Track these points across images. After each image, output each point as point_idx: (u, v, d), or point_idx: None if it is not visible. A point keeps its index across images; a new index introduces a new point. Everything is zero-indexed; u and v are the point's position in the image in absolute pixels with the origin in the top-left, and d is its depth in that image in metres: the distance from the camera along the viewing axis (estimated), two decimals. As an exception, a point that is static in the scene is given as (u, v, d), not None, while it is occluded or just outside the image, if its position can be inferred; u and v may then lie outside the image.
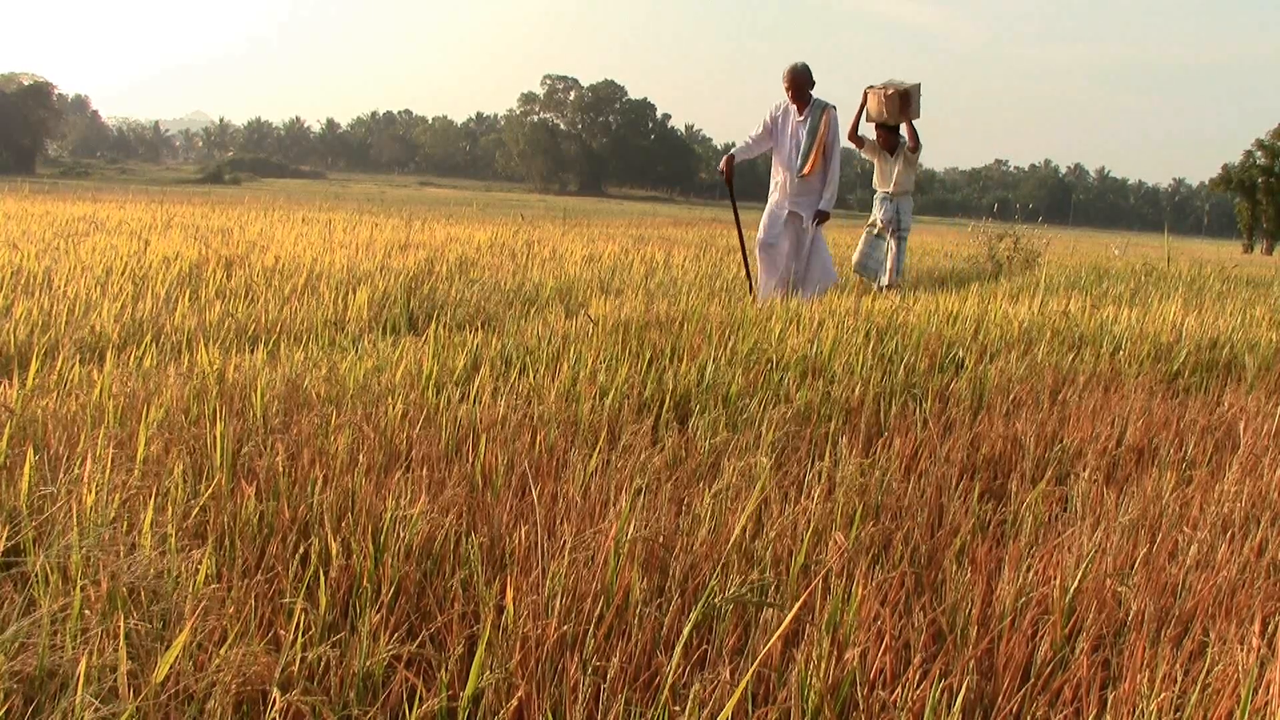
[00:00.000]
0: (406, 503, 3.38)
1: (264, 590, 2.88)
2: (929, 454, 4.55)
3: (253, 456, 3.90)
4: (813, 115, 10.93)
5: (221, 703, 2.33)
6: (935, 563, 3.43)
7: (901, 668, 2.71)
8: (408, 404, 4.65)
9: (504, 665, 2.53)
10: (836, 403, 5.25)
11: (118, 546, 2.98)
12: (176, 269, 10.11)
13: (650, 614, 2.84)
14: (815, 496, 3.80)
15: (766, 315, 7.93)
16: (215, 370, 5.07)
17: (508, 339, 6.27)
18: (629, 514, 3.21)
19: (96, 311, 7.21)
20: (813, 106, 10.95)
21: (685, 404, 5.18)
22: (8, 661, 2.34)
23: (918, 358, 6.38)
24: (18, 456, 3.68)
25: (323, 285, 9.62)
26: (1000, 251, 20.72)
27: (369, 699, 2.48)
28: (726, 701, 2.43)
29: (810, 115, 10.93)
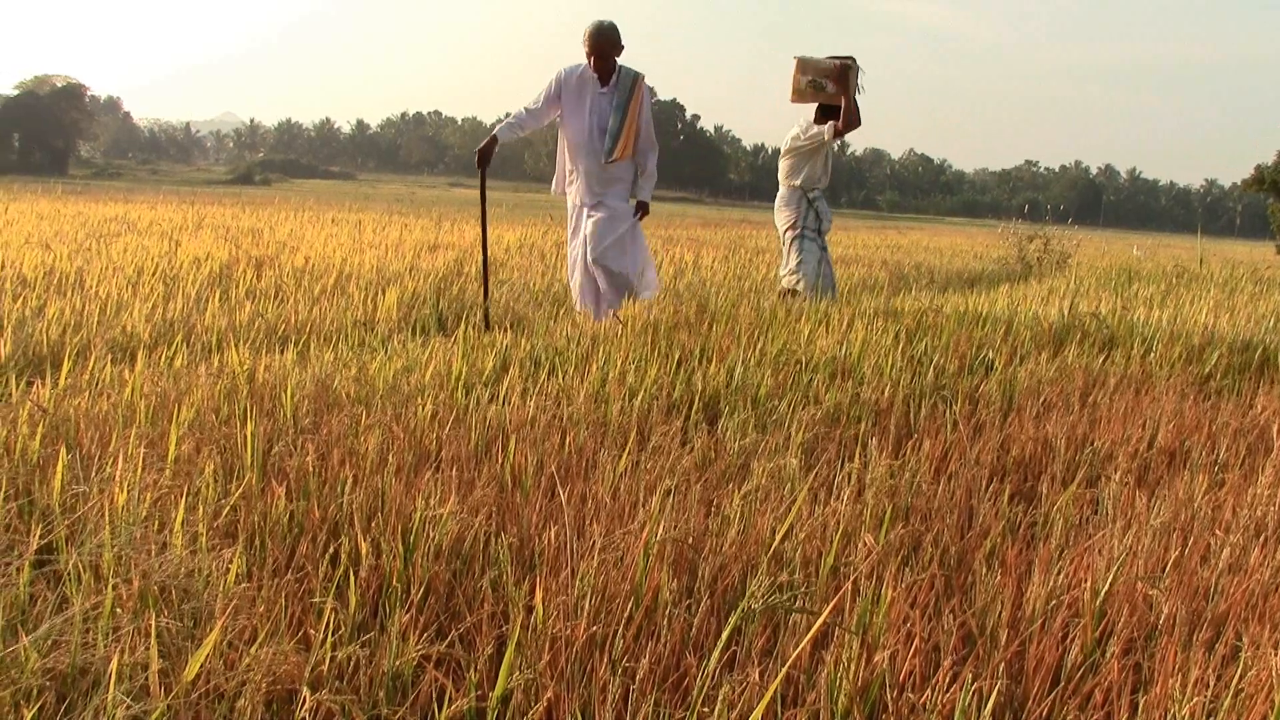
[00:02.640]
0: (436, 503, 3.38)
1: (294, 589, 2.89)
2: (959, 456, 4.53)
3: (283, 456, 3.91)
4: (620, 87, 8.65)
5: (252, 701, 2.34)
6: (965, 565, 3.41)
7: (931, 670, 2.70)
8: (437, 404, 4.66)
9: (533, 666, 2.53)
10: (866, 404, 5.24)
11: (149, 545, 3.00)
12: (207, 269, 10.17)
13: (679, 615, 2.84)
14: (845, 498, 3.79)
15: (795, 316, 7.91)
16: (245, 370, 5.09)
17: (537, 340, 6.28)
18: (658, 515, 3.22)
19: (128, 311, 7.25)
20: (620, 76, 8.66)
21: (714, 405, 5.17)
22: (41, 659, 2.35)
23: (947, 359, 6.36)
24: (50, 455, 3.70)
25: (352, 286, 9.65)
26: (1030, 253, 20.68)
27: (398, 698, 2.49)
28: (756, 704, 2.43)
29: (618, 88, 8.64)
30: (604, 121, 8.57)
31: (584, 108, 8.57)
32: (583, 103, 8.57)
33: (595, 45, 8.50)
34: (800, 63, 10.10)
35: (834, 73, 10.01)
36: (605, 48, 8.51)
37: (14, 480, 3.50)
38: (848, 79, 9.98)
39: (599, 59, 8.52)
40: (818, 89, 10.15)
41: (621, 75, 8.62)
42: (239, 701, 2.35)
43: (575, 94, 8.59)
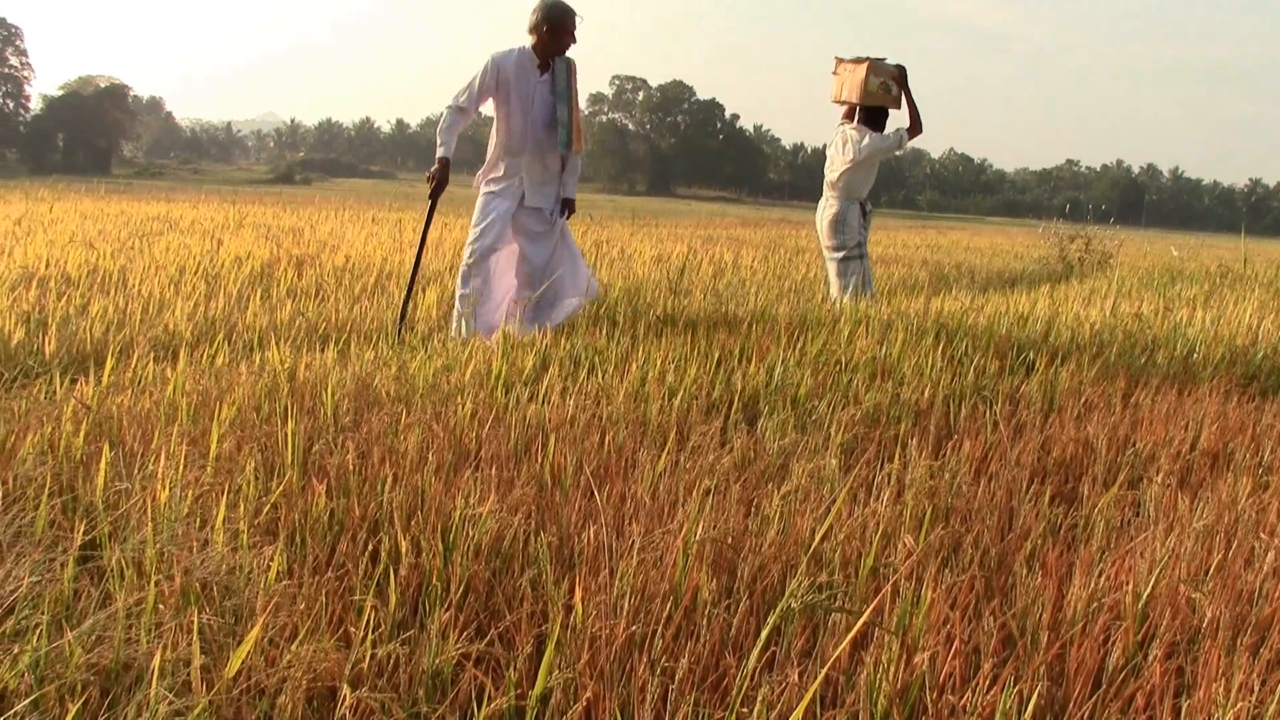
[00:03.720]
0: (475, 501, 3.39)
1: (334, 587, 2.90)
2: (999, 457, 4.51)
3: (323, 454, 3.93)
4: (559, 72, 7.73)
5: (292, 698, 2.35)
6: (1005, 566, 3.40)
7: (971, 672, 2.69)
8: (477, 403, 4.67)
9: (572, 665, 2.53)
10: (906, 404, 5.23)
11: (191, 542, 3.02)
12: (248, 268, 10.22)
13: (719, 615, 2.83)
14: (884, 499, 3.79)
15: (834, 317, 7.89)
16: (286, 368, 5.11)
17: (576, 339, 6.28)
18: (697, 514, 3.22)
19: (170, 310, 7.30)
20: (555, 62, 7.72)
21: (754, 405, 5.17)
22: (85, 654, 2.38)
23: (988, 359, 6.33)
24: (94, 452, 3.73)
25: (392, 284, 9.69)
26: (1071, 253, 20.56)
27: (438, 697, 2.49)
28: (795, 705, 2.42)
29: (554, 74, 7.71)
30: (547, 112, 7.70)
31: (526, 97, 7.65)
32: (525, 91, 7.65)
33: (563, 26, 7.60)
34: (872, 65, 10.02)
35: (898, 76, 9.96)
36: (571, 30, 7.67)
37: (58, 477, 3.53)
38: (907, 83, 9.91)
39: (559, 44, 7.65)
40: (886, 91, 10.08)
41: (556, 61, 7.74)
42: (280, 698, 2.36)
43: (516, 82, 7.63)
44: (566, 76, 7.73)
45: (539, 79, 7.64)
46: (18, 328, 6.15)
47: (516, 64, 7.59)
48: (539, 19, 7.56)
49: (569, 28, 7.62)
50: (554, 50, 7.64)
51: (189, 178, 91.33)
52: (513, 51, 7.63)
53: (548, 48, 7.62)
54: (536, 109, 7.64)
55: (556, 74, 7.68)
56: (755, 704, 2.41)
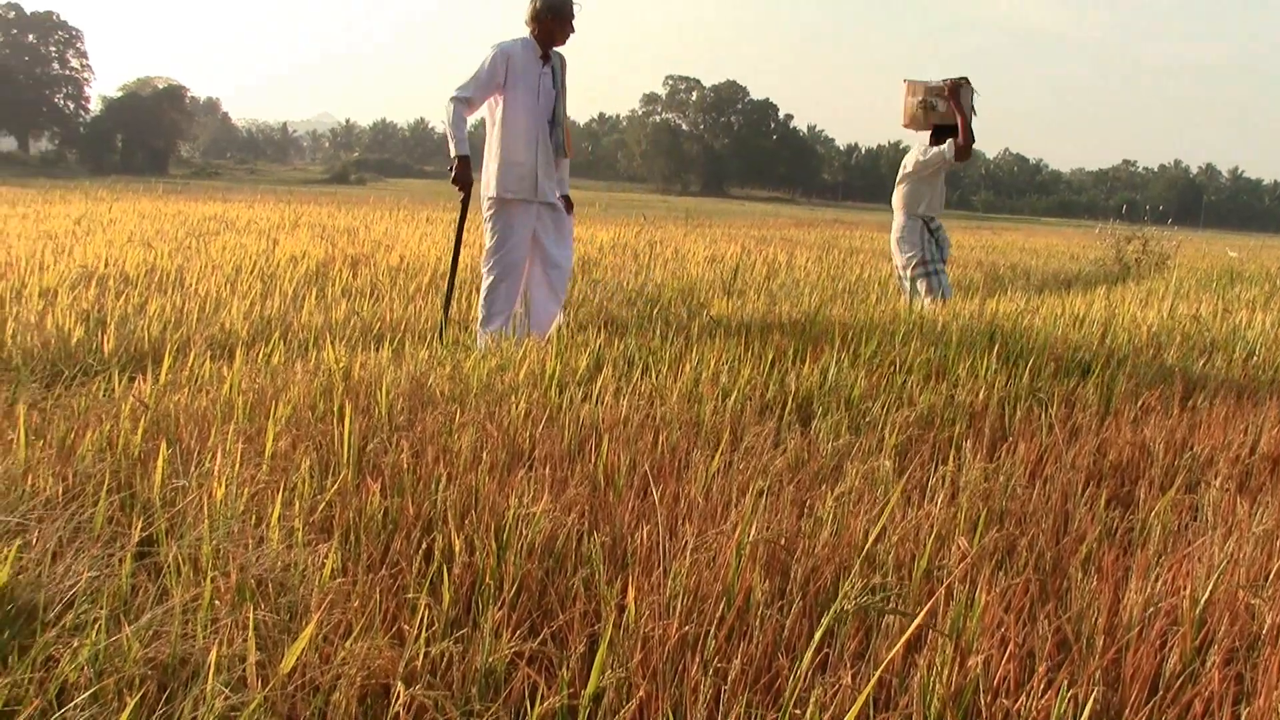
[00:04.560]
0: (529, 501, 3.40)
1: (388, 585, 2.92)
2: (1054, 459, 4.48)
3: (378, 453, 3.95)
4: (556, 65, 7.52)
5: (346, 695, 2.37)
6: (1060, 570, 3.38)
7: (1026, 676, 2.67)
8: (530, 403, 4.68)
9: (625, 664, 2.53)
10: (960, 406, 5.20)
11: (246, 539, 3.04)
12: (304, 268, 10.29)
13: (771, 616, 2.83)
14: (938, 501, 3.77)
15: (890, 318, 7.86)
16: (341, 368, 5.14)
17: (630, 339, 6.28)
18: (751, 515, 3.21)
19: (226, 309, 7.35)
20: (553, 55, 7.51)
21: (808, 406, 5.15)
22: (143, 648, 2.40)
23: (1043, 361, 6.29)
24: (152, 450, 3.77)
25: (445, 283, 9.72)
26: (1128, 254, 20.38)
27: (491, 695, 2.50)
28: (849, 707, 2.42)
29: (554, 67, 7.50)
30: (548, 108, 7.44)
31: (530, 90, 7.38)
32: (529, 84, 7.37)
33: (565, 15, 7.38)
34: (910, 85, 9.88)
35: (944, 90, 9.81)
36: (571, 20, 7.45)
37: (116, 474, 3.56)
38: (959, 94, 9.76)
39: (560, 34, 7.44)
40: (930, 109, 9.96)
41: (553, 53, 7.50)
42: (334, 695, 2.37)
43: (523, 73, 7.35)
44: (561, 71, 7.56)
45: (542, 69, 7.41)
46: (77, 326, 6.22)
47: (523, 54, 7.35)
48: (541, 7, 7.32)
49: (569, 16, 7.42)
50: (555, 40, 7.43)
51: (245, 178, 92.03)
52: (517, 41, 7.38)
53: (550, 38, 7.42)
54: (542, 103, 7.42)
55: (555, 68, 7.49)
56: (808, 705, 2.40)
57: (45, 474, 3.48)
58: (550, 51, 7.43)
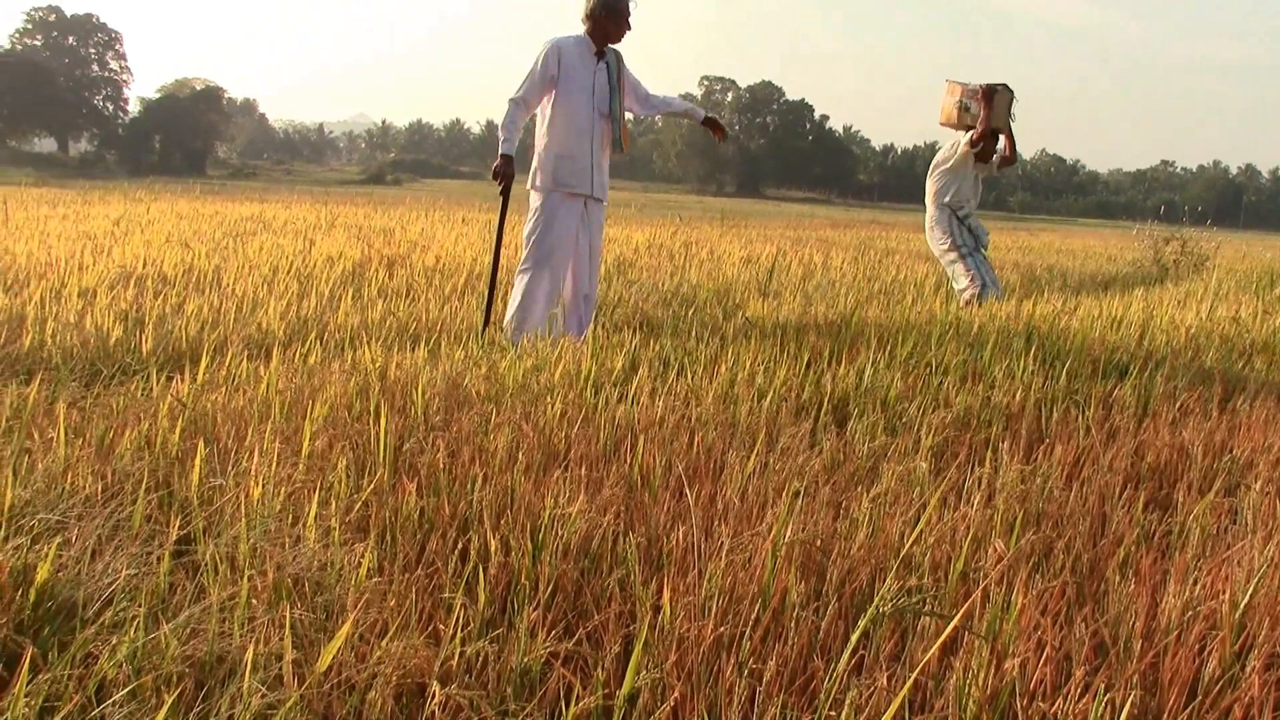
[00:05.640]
0: (565, 501, 3.41)
1: (424, 585, 2.92)
2: (1091, 462, 4.46)
3: (414, 453, 3.96)
4: (611, 61, 7.47)
5: (382, 694, 2.38)
6: (1097, 573, 3.36)
7: (1062, 680, 2.66)
8: (566, 403, 4.68)
9: (660, 665, 2.53)
10: (997, 408, 5.18)
11: (283, 538, 3.06)
12: (340, 268, 10.32)
13: (807, 617, 2.82)
14: (975, 503, 3.75)
15: (925, 319, 7.84)
16: (377, 368, 5.16)
17: (665, 340, 6.28)
18: (786, 516, 3.20)
19: (263, 309, 7.39)
20: (608, 49, 7.48)
21: (843, 407, 5.14)
22: (180, 646, 2.41)
23: (1080, 363, 6.26)
24: (189, 449, 3.79)
25: (482, 284, 9.73)
26: (1166, 255, 20.25)
27: (526, 695, 2.51)
28: (884, 709, 2.41)
29: (609, 63, 7.46)
30: (604, 104, 7.41)
31: (587, 85, 7.34)
32: (583, 80, 7.33)
33: (621, 12, 7.32)
34: (949, 85, 10.06)
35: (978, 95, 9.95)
36: (627, 16, 7.39)
37: (154, 472, 3.59)
38: (992, 99, 9.88)
39: (616, 30, 7.40)
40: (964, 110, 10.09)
41: (608, 51, 7.47)
42: (370, 694, 2.38)
43: (577, 69, 7.32)
44: (618, 68, 7.50)
45: (596, 66, 7.38)
46: (116, 326, 6.26)
47: (576, 50, 7.31)
48: (596, 4, 7.29)
49: (626, 13, 7.36)
50: (610, 38, 7.39)
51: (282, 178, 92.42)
52: (570, 38, 7.35)
53: (605, 35, 7.38)
54: (597, 99, 7.38)
55: (610, 64, 7.44)
56: (843, 707, 2.40)
57: (84, 472, 3.50)
58: (605, 48, 7.40)
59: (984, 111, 10.04)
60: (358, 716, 2.38)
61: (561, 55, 7.25)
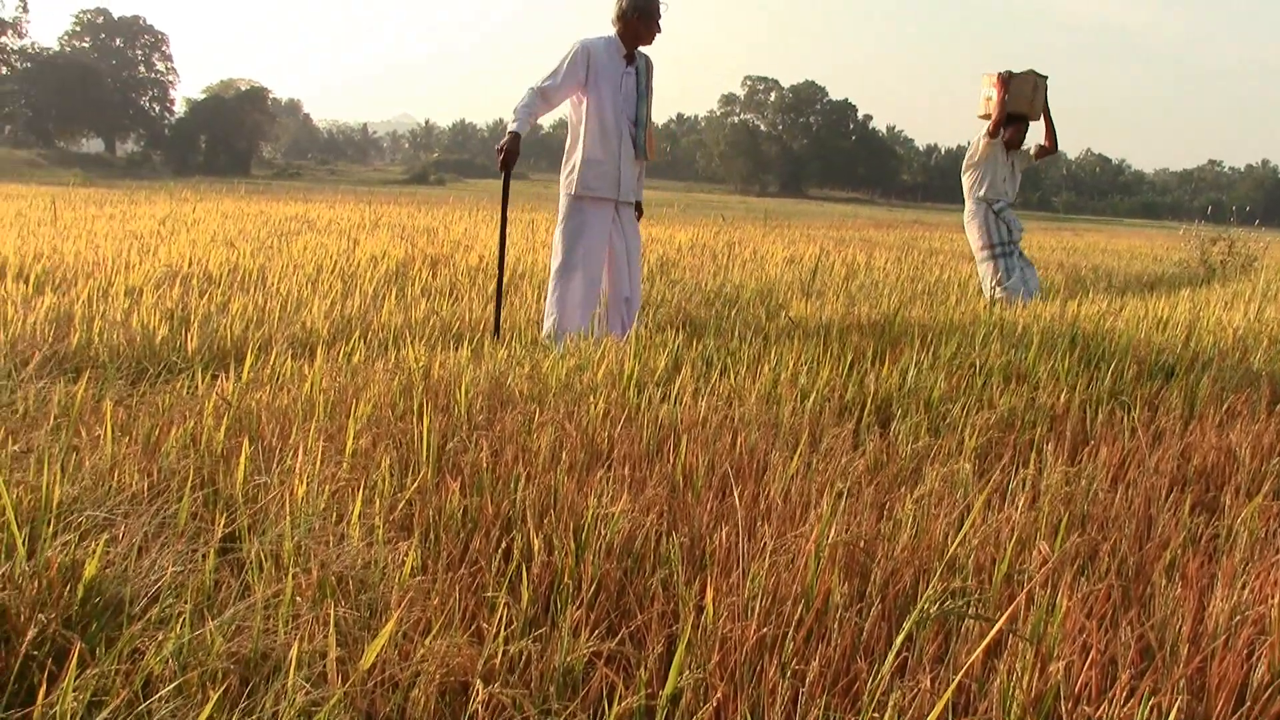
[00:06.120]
0: (608, 501, 3.41)
1: (467, 583, 2.93)
2: (1137, 464, 4.43)
3: (457, 452, 3.97)
4: (641, 66, 7.40)
5: (425, 692, 2.38)
6: (1143, 576, 3.33)
7: (1108, 683, 2.64)
8: (609, 403, 4.69)
9: (703, 665, 2.53)
10: (1041, 409, 5.15)
11: (327, 536, 3.07)
12: (384, 267, 10.37)
13: (850, 619, 2.82)
14: (1019, 504, 3.73)
15: (970, 320, 7.81)
16: (421, 367, 5.18)
17: (708, 340, 6.28)
18: (830, 517, 3.20)
19: (307, 308, 7.42)
20: (638, 53, 7.41)
21: (886, 408, 5.13)
22: (225, 643, 2.43)
23: (1125, 364, 6.21)
24: (234, 447, 3.81)
25: (526, 284, 9.76)
26: (1213, 256, 20.08)
27: (569, 694, 2.51)
28: (928, 711, 2.40)
29: (638, 66, 7.39)
30: (631, 109, 7.34)
31: (615, 88, 7.26)
32: (614, 82, 7.25)
33: (651, 14, 7.24)
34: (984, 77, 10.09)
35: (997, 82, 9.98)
36: (658, 19, 7.30)
37: (200, 470, 3.61)
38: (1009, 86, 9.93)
39: (647, 33, 7.31)
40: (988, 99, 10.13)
41: (638, 53, 7.39)
42: (413, 692, 2.39)
43: (606, 71, 7.24)
44: (648, 73, 7.44)
45: (625, 69, 7.31)
46: (162, 324, 6.30)
47: (606, 52, 7.24)
48: (627, 6, 7.20)
49: (657, 15, 7.27)
50: (641, 40, 7.31)
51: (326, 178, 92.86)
52: (601, 39, 7.28)
53: (636, 37, 7.29)
54: (625, 103, 7.31)
55: (639, 69, 7.37)
56: (886, 709, 2.39)
57: (131, 470, 3.53)
58: (635, 52, 7.33)
59: (998, 96, 10.11)
60: (401, 714, 2.39)
61: (592, 58, 7.20)
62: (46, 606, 2.54)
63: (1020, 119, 10.26)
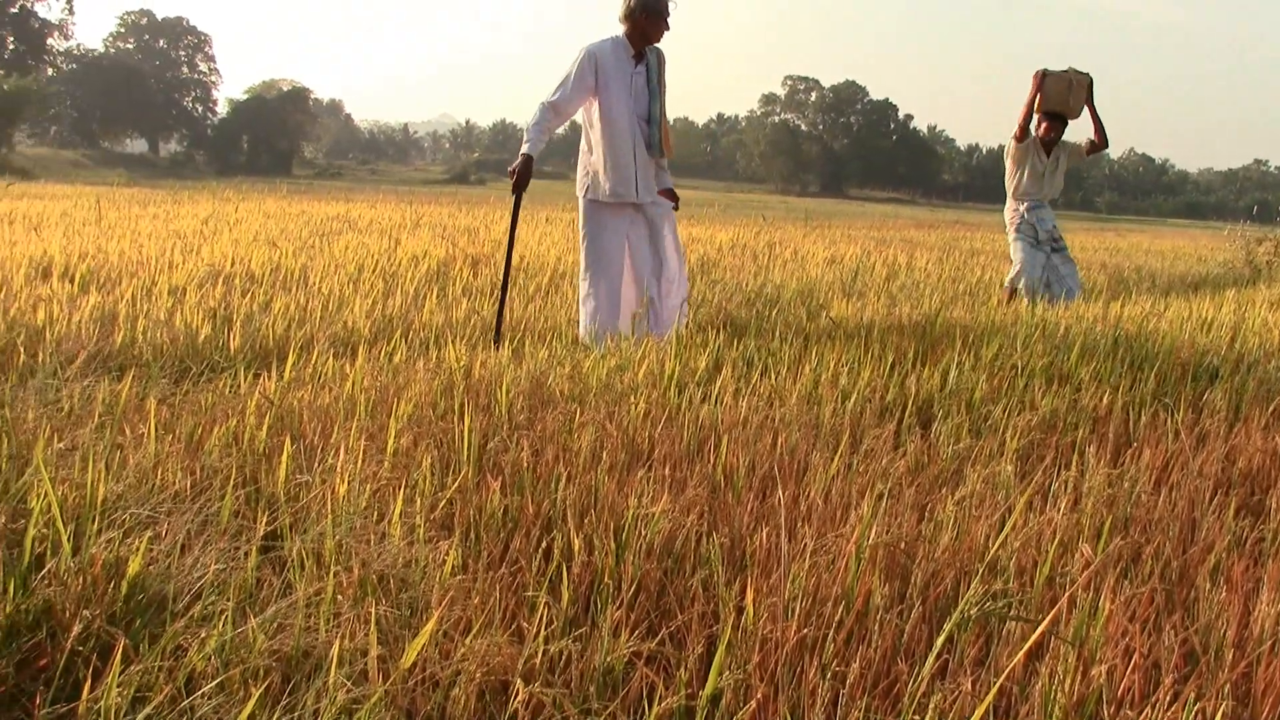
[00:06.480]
0: (648, 501, 3.41)
1: (508, 583, 2.94)
2: (1180, 466, 4.40)
3: (498, 451, 3.98)
4: (652, 62, 7.31)
5: (466, 691, 2.39)
6: (1187, 579, 3.31)
7: (1151, 688, 2.62)
8: (650, 403, 4.69)
9: (743, 666, 2.53)
10: (1084, 411, 5.12)
11: (369, 535, 3.09)
12: (425, 267, 10.40)
13: (891, 621, 2.81)
14: (1061, 507, 3.71)
15: (1011, 321, 7.77)
16: (462, 366, 5.19)
17: (749, 340, 6.27)
18: (870, 519, 3.19)
19: (349, 307, 7.45)
20: (647, 52, 7.30)
21: (928, 409, 5.11)
22: (267, 640, 2.44)
23: (1169, 366, 6.17)
24: (276, 445, 3.83)
25: (566, 284, 9.77)
26: (1259, 256, 19.90)
27: (608, 694, 2.51)
28: (969, 714, 2.39)
29: (648, 65, 7.30)
30: (643, 107, 7.25)
31: (624, 90, 7.18)
32: (622, 84, 7.17)
33: (659, 12, 7.13)
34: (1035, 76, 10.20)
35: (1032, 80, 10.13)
36: (666, 16, 7.21)
37: (242, 469, 3.63)
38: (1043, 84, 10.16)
39: (655, 31, 7.21)
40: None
41: (648, 52, 7.29)
42: (453, 690, 2.40)
43: (614, 75, 7.15)
44: (659, 69, 7.33)
45: (634, 69, 7.22)
46: (205, 323, 6.34)
47: (613, 54, 7.15)
48: (634, 5, 7.10)
49: (665, 13, 7.18)
50: (649, 38, 7.22)
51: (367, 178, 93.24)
52: (606, 41, 7.20)
53: (644, 36, 7.20)
54: (635, 102, 7.22)
55: (650, 65, 7.27)
56: (927, 712, 2.38)
57: (174, 468, 3.55)
58: (644, 49, 7.25)
59: (1029, 95, 10.23)
60: (441, 713, 2.39)
61: (599, 62, 7.12)
62: (91, 603, 2.56)
63: (1057, 117, 10.27)
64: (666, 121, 7.44)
